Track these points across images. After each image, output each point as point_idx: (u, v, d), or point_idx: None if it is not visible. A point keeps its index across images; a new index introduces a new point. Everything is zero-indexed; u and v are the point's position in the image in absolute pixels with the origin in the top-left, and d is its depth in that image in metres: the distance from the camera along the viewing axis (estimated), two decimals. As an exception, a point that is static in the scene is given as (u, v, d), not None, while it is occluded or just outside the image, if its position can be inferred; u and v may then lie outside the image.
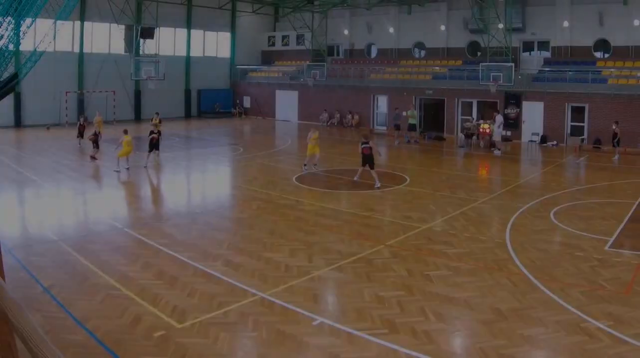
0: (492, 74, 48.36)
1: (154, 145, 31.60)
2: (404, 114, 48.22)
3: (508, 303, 13.28)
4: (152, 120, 38.74)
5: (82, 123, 38.70)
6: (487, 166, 36.23)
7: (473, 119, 48.72)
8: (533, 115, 47.76)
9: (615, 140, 37.68)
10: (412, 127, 46.56)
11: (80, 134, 38.98)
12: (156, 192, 27.87)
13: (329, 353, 10.90)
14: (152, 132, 31.61)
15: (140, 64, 54.38)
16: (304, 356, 10.90)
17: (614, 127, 37.89)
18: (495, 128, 41.82)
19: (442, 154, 41.72)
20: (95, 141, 33.20)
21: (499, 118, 42.46)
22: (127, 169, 30.25)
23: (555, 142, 46.19)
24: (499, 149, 40.93)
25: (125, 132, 30.38)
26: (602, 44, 51.47)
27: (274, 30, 75.45)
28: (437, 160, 38.55)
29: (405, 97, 55.30)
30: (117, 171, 29.68)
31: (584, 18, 50.98)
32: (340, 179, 29.58)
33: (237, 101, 70.89)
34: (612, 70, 47.46)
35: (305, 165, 30.55)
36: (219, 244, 18.11)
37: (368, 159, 27.24)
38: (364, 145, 27.29)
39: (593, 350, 10.96)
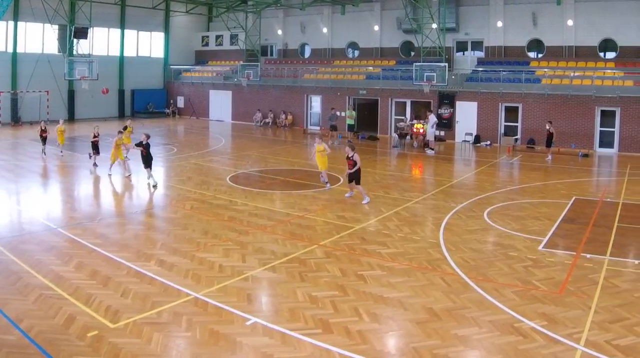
0: (425, 74, 48.78)
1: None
2: (338, 114, 48.57)
3: (442, 303, 13.44)
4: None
5: (43, 129, 35.72)
6: (421, 166, 36.53)
7: (407, 118, 49.19)
8: (466, 115, 48.44)
9: (551, 140, 38.39)
10: (350, 128, 46.76)
11: (43, 141, 35.73)
12: (90, 192, 27.34)
13: (263, 353, 10.93)
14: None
15: (73, 64, 53.39)
16: (238, 356, 10.88)
17: (548, 127, 38.56)
18: (428, 128, 42.25)
19: (376, 154, 41.87)
20: (96, 146, 31.71)
21: (432, 118, 42.92)
22: (110, 175, 30.03)
23: (488, 142, 46.89)
24: (432, 149, 41.35)
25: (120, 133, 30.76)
26: (536, 44, 52.48)
27: (208, 30, 75.28)
28: (371, 160, 38.54)
29: (338, 97, 55.80)
30: (128, 175, 29.60)
31: (518, 18, 51.93)
32: (274, 179, 29.57)
33: (171, 101, 70.76)
34: (546, 70, 48.39)
35: (327, 182, 27.50)
36: (153, 244, 18.04)
37: (353, 175, 24.37)
38: (349, 158, 24.46)
39: (527, 350, 11.14)
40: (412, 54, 57.67)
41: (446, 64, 49.02)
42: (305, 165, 34.07)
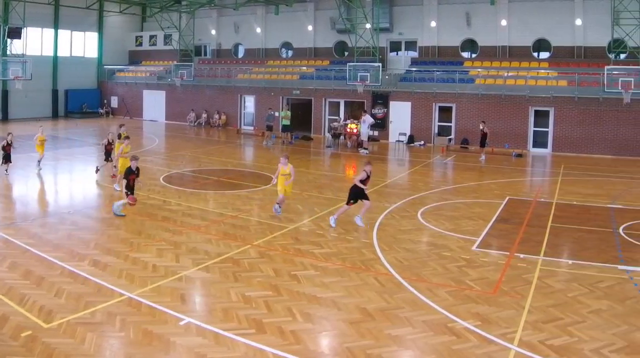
0: (359, 74, 49.06)
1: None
2: (275, 113, 48.55)
3: (375, 303, 13.45)
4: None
5: (9, 142, 29.28)
6: (355, 166, 36.62)
7: (340, 119, 49.38)
8: (400, 115, 48.79)
9: (485, 140, 38.85)
10: (285, 128, 46.71)
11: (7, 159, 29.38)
12: (23, 192, 26.86)
13: (196, 353, 10.88)
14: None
15: (7, 64, 52.93)
16: (171, 356, 10.81)
17: (482, 127, 39.02)
18: (365, 128, 42.37)
19: (310, 154, 42.03)
20: (109, 153, 28.59)
21: (368, 118, 43.11)
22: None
23: (422, 142, 47.28)
24: (366, 149, 41.49)
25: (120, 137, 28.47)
26: (470, 44, 53.12)
27: (142, 30, 74.59)
28: (305, 160, 38.73)
29: (272, 97, 55.79)
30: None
31: (451, 18, 52.56)
32: (207, 179, 29.44)
33: (105, 101, 70.08)
34: (479, 70, 49.09)
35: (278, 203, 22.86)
36: (86, 244, 17.79)
37: (361, 194, 21.02)
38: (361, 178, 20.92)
39: (460, 350, 11.18)
40: (346, 54, 57.96)
41: (380, 64, 49.36)
42: (238, 165, 34.04)
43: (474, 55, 53.02)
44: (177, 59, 64.61)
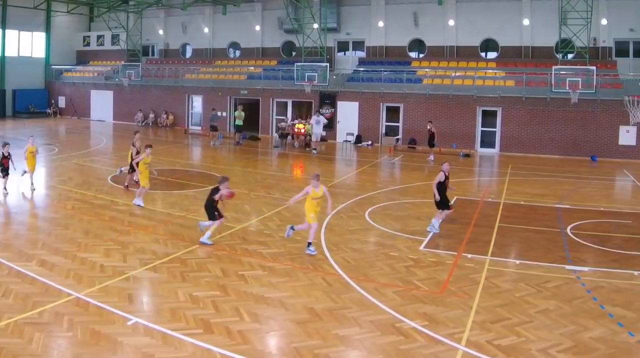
0: (307, 74, 49.28)
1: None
2: (220, 114, 48.40)
3: (323, 303, 13.46)
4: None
5: (6, 155, 25.40)
6: (302, 166, 36.62)
7: (288, 119, 49.35)
8: (348, 115, 48.86)
9: (433, 140, 39.09)
10: (238, 129, 46.52)
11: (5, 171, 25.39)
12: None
13: (144, 353, 10.84)
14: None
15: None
16: (119, 356, 10.76)
17: (429, 127, 39.26)
18: (318, 128, 42.34)
19: (257, 154, 42.03)
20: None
21: (322, 118, 43.16)
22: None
23: (370, 142, 47.44)
24: (315, 149, 41.48)
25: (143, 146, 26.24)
26: (417, 44, 53.47)
27: (89, 30, 73.82)
28: (252, 160, 38.80)
29: (220, 97, 55.68)
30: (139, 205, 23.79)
31: (399, 18, 52.96)
32: (155, 179, 29.12)
33: (52, 101, 69.16)
34: (427, 70, 49.44)
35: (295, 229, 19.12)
36: (34, 244, 17.64)
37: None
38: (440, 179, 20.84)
39: (408, 350, 11.20)
40: (294, 54, 58.21)
41: (327, 64, 49.62)
42: (186, 166, 33.88)
43: (421, 55, 53.45)
44: (125, 59, 64.36)
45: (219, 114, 49.36)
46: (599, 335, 12.10)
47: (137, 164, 23.64)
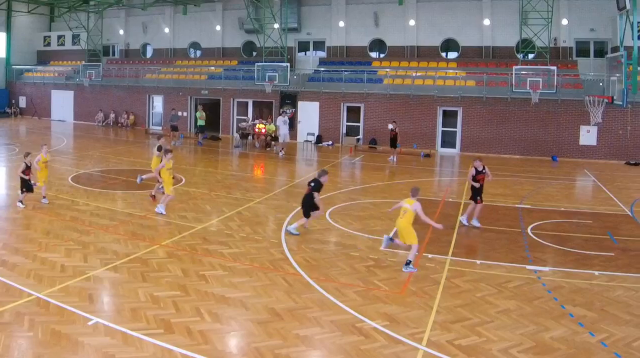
0: (267, 74, 49.33)
1: None
2: (180, 114, 48.30)
3: (283, 303, 13.45)
4: None
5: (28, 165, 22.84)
6: (263, 166, 36.60)
7: (249, 119, 49.36)
8: (308, 115, 48.95)
9: (396, 141, 39.23)
10: (201, 129, 46.35)
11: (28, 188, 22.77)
12: None
13: (104, 353, 10.80)
14: None
15: None
16: (80, 356, 10.70)
17: (393, 127, 39.37)
18: (285, 129, 42.26)
19: (218, 154, 41.96)
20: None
21: (286, 118, 43.10)
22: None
23: (331, 142, 47.61)
24: (283, 150, 41.36)
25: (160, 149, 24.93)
26: (378, 44, 53.67)
27: (50, 30, 73.38)
28: (213, 160, 38.78)
29: (180, 97, 55.63)
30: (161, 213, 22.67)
31: (360, 18, 53.25)
32: (116, 179, 29.17)
33: (13, 101, 68.87)
34: (388, 70, 49.59)
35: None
36: (-5, 244, 17.61)
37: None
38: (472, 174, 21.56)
39: (368, 350, 11.22)
40: (254, 54, 58.21)
41: (288, 64, 49.63)
42: (146, 166, 33.63)
43: (382, 55, 53.74)
44: (86, 59, 64.13)
45: (179, 113, 49.38)
46: (559, 335, 12.20)
47: (159, 171, 22.88)
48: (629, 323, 12.85)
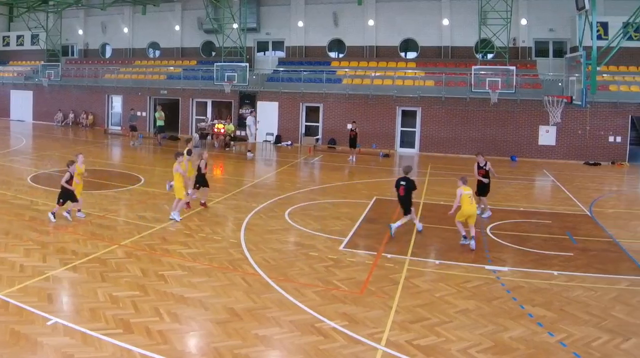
0: (226, 74, 49.32)
1: None
2: (139, 114, 48.08)
3: (243, 303, 13.46)
4: None
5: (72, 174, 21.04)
6: (222, 166, 36.53)
7: (208, 119, 49.30)
8: (268, 115, 48.87)
9: (356, 141, 39.31)
10: (160, 129, 46.13)
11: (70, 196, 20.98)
12: None
13: (63, 353, 10.76)
14: None
15: None
16: (38, 356, 10.69)
17: (353, 127, 39.45)
18: (253, 129, 42.13)
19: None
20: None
21: (253, 118, 42.98)
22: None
23: (290, 142, 47.60)
24: (250, 151, 41.19)
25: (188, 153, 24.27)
26: (337, 44, 53.78)
27: (9, 30, 72.63)
28: (172, 160, 38.02)
29: (139, 97, 55.39)
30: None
31: (319, 18, 53.40)
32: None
33: (-30, 102, 68.29)
34: (347, 70, 49.78)
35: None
36: (-47, 245, 17.47)
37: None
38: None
39: (328, 350, 11.25)
40: (213, 54, 58.14)
41: (247, 64, 49.64)
42: (105, 166, 33.64)
43: (341, 55, 53.92)
44: (45, 59, 63.67)
45: (138, 114, 49.30)
46: (518, 335, 12.30)
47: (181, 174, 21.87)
48: (588, 323, 12.97)
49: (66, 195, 20.46)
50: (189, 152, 23.86)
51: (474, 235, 19.04)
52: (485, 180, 23.27)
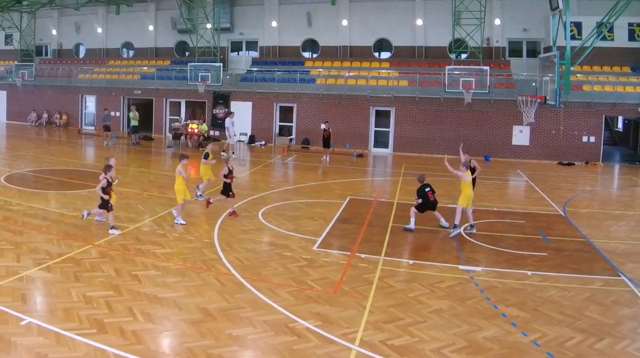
0: (200, 74, 49.31)
1: None
2: (112, 114, 47.99)
3: (216, 303, 13.44)
4: None
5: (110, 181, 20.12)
6: (196, 166, 36.43)
7: (181, 119, 49.24)
8: (241, 115, 48.71)
9: (329, 141, 39.35)
10: (135, 129, 46.01)
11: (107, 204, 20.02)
12: None
13: (37, 353, 10.74)
14: None
15: None
16: (12, 356, 10.66)
17: (326, 127, 39.49)
18: (231, 130, 42.07)
19: (151, 154, 41.92)
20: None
21: (232, 119, 42.91)
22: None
23: (263, 142, 47.65)
24: (233, 153, 41.05)
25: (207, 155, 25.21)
26: (311, 44, 53.86)
27: (-18, 31, 71.98)
28: (146, 160, 38.69)
29: (113, 97, 55.29)
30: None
31: (292, 18, 53.49)
32: (49, 179, 28.96)
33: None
34: (320, 70, 49.83)
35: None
36: None
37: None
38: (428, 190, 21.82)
39: (301, 350, 11.25)
40: (187, 54, 58.14)
41: (221, 64, 49.65)
42: (79, 165, 33.61)
43: (315, 55, 54.00)
44: (18, 59, 63.39)
45: (111, 114, 49.20)
46: (492, 335, 12.35)
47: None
48: (562, 323, 13.05)
49: (104, 203, 19.59)
50: (206, 156, 24.31)
51: (473, 223, 21.10)
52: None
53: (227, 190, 22.55)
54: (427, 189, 21.18)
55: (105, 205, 19.56)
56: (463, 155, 23.38)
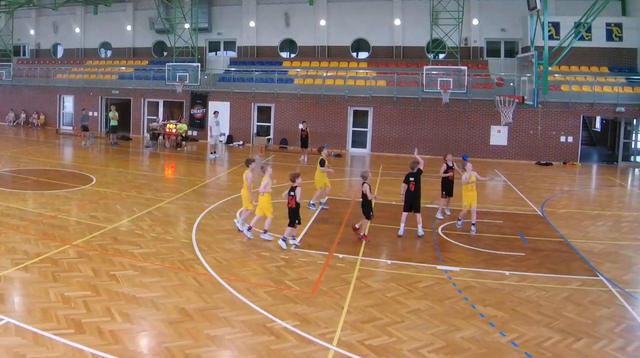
0: (178, 74, 49.24)
1: None
2: (90, 114, 47.86)
3: (194, 303, 13.44)
4: None
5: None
6: (174, 166, 36.43)
7: (159, 119, 49.10)
8: (219, 115, 48.67)
9: (307, 141, 39.38)
10: (113, 129, 45.87)
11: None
12: None
13: (15, 353, 10.69)
14: None
15: None
16: None
17: (304, 127, 39.51)
18: (215, 130, 41.97)
19: (129, 154, 41.71)
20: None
21: (217, 119, 42.81)
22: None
23: (241, 142, 47.62)
24: (214, 153, 40.92)
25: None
26: (289, 44, 53.91)
27: (-41, 30, 71.48)
28: (124, 160, 38.52)
29: (91, 97, 55.12)
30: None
31: (270, 18, 53.61)
32: (26, 178, 28.88)
33: None
34: (298, 70, 49.94)
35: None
36: None
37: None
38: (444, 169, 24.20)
39: (279, 350, 11.26)
40: (165, 54, 58.10)
41: (199, 64, 49.54)
42: (57, 165, 33.55)
43: (292, 55, 54.10)
44: (-4, 60, 63.20)
45: (89, 114, 48.96)
46: (470, 335, 12.41)
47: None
48: (540, 323, 13.12)
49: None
50: (248, 163, 22.04)
51: (474, 223, 21.46)
52: (449, 175, 24.07)
53: (367, 210, 20.25)
54: (412, 179, 20.78)
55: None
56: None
